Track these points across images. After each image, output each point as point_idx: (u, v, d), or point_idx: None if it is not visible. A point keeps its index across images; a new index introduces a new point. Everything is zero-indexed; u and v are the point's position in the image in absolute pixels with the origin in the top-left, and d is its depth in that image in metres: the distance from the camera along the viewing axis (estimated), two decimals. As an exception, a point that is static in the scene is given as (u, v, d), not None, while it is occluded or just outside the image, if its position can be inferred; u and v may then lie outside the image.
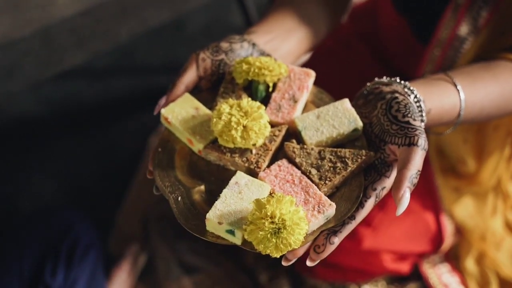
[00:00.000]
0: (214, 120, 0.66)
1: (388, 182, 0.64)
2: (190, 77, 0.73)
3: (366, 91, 0.72)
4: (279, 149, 0.70)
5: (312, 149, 0.67)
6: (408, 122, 0.64)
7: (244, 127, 0.66)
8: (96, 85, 1.77)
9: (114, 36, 1.76)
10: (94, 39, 1.75)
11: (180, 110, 0.70)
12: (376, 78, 0.72)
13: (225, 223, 0.61)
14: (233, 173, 0.66)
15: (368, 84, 0.72)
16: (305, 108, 0.73)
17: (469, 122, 0.78)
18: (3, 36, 1.62)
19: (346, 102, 0.69)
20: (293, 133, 0.70)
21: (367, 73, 1.02)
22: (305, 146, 0.67)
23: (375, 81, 0.71)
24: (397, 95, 0.67)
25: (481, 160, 1.04)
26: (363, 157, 0.65)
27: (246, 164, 0.67)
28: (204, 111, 0.71)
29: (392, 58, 1.12)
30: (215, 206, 0.62)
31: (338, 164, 0.65)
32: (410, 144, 0.62)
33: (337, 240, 0.61)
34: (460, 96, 0.73)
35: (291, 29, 0.83)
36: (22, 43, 1.69)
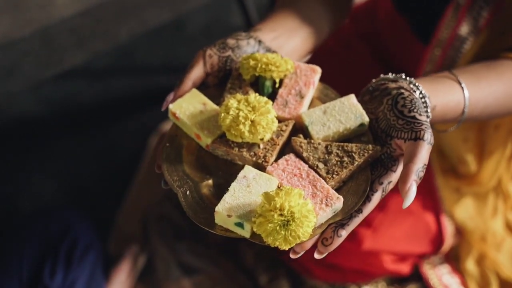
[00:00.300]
0: (222, 115, 0.67)
1: (395, 176, 0.65)
2: (197, 73, 0.74)
3: (371, 87, 0.72)
4: (286, 144, 0.70)
5: (319, 143, 0.67)
6: (414, 117, 0.64)
7: (252, 121, 0.66)
8: (96, 85, 1.77)
9: (114, 36, 1.76)
10: (94, 39, 1.75)
11: (188, 105, 0.71)
12: (382, 75, 0.72)
13: (234, 215, 0.61)
14: (241, 167, 0.66)
15: (373, 80, 0.72)
16: (311, 104, 0.74)
17: (472, 119, 0.78)
18: (3, 36, 1.63)
19: (352, 98, 0.70)
20: (300, 129, 0.71)
21: (367, 73, 1.02)
22: (312, 141, 0.68)
23: (380, 77, 0.72)
24: (403, 91, 0.67)
25: (482, 159, 1.04)
26: (369, 151, 0.65)
27: (253, 159, 0.67)
28: (211, 106, 0.71)
29: (392, 58, 1.12)
30: (224, 199, 0.62)
31: (345, 158, 0.66)
32: (416, 138, 0.62)
33: (344, 233, 0.62)
34: (464, 93, 0.74)
35: (295, 28, 0.84)
36: (22, 43, 1.70)
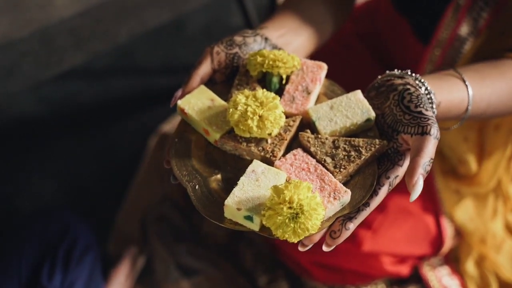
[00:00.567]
0: (231, 110, 0.67)
1: (401, 171, 0.65)
2: (205, 69, 0.75)
3: (377, 83, 0.73)
4: (293, 140, 0.71)
5: (326, 138, 0.68)
6: (420, 112, 0.65)
7: (260, 116, 0.67)
8: (96, 86, 1.77)
9: (114, 36, 1.76)
10: (94, 39, 1.75)
11: (196, 101, 0.72)
12: (388, 71, 0.73)
13: (244, 209, 0.62)
14: (249, 162, 0.67)
15: (379, 76, 0.73)
16: (318, 100, 0.75)
17: (475, 117, 0.79)
18: (2, 36, 1.62)
19: (358, 93, 0.71)
20: (307, 124, 0.72)
21: (367, 73, 1.03)
22: (319, 136, 0.68)
23: (386, 73, 0.72)
24: (409, 86, 0.68)
25: (482, 159, 1.05)
26: (376, 146, 0.66)
27: (262, 153, 0.68)
28: (219, 102, 0.72)
29: (392, 58, 1.13)
30: (233, 193, 0.63)
31: (352, 153, 0.66)
32: (423, 133, 0.63)
33: (352, 226, 0.62)
34: (468, 91, 0.74)
35: (300, 27, 0.85)
36: (22, 44, 1.69)
